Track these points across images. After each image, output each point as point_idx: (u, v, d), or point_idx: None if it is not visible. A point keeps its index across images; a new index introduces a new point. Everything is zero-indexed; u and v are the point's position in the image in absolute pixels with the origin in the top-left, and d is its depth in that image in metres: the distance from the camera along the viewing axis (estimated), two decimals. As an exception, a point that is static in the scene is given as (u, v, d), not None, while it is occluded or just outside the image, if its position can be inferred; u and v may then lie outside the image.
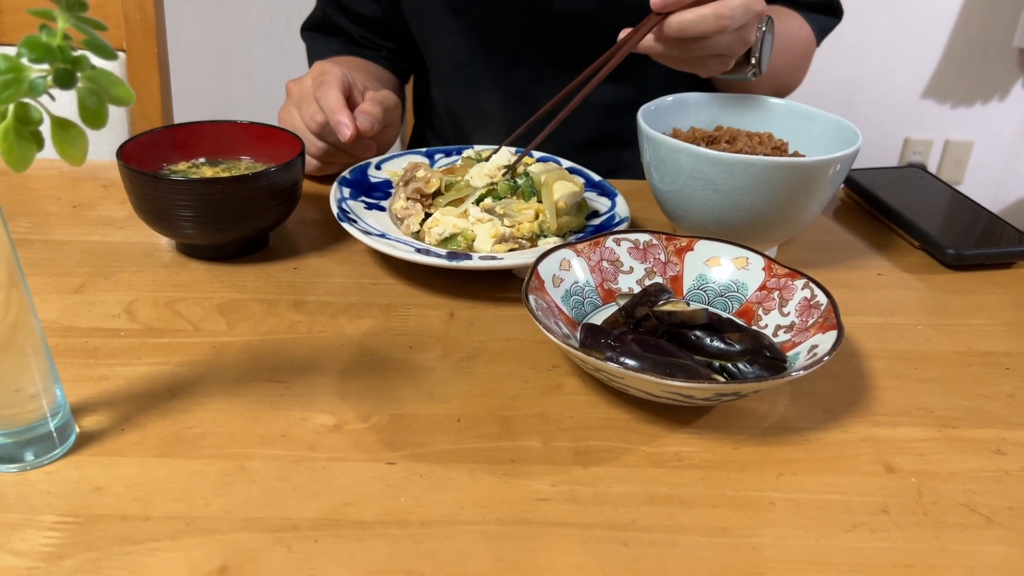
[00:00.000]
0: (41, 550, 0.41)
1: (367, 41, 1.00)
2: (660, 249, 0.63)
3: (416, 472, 0.48)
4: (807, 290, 0.57)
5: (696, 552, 0.44)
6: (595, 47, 0.76)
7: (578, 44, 0.89)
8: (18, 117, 0.38)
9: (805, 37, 0.94)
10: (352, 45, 1.00)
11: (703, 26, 0.65)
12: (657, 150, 0.67)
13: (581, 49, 0.78)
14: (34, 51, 0.35)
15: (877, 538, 0.45)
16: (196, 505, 0.44)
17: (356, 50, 1.00)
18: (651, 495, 0.47)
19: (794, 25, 0.92)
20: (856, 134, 0.68)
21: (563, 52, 0.91)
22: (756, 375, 0.52)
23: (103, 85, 0.38)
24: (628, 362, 0.50)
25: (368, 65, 0.99)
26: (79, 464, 0.47)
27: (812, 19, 0.95)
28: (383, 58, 1.01)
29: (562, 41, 0.91)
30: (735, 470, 0.49)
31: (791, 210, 0.66)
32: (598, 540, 0.44)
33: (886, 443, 0.52)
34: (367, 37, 1.00)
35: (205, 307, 0.62)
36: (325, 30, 1.01)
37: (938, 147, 2.37)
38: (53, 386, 0.47)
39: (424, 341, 0.60)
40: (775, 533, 0.45)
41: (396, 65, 1.03)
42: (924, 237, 0.74)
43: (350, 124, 0.72)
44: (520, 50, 0.93)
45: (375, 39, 1.00)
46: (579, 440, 0.51)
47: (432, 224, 0.67)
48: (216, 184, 0.63)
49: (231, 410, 0.52)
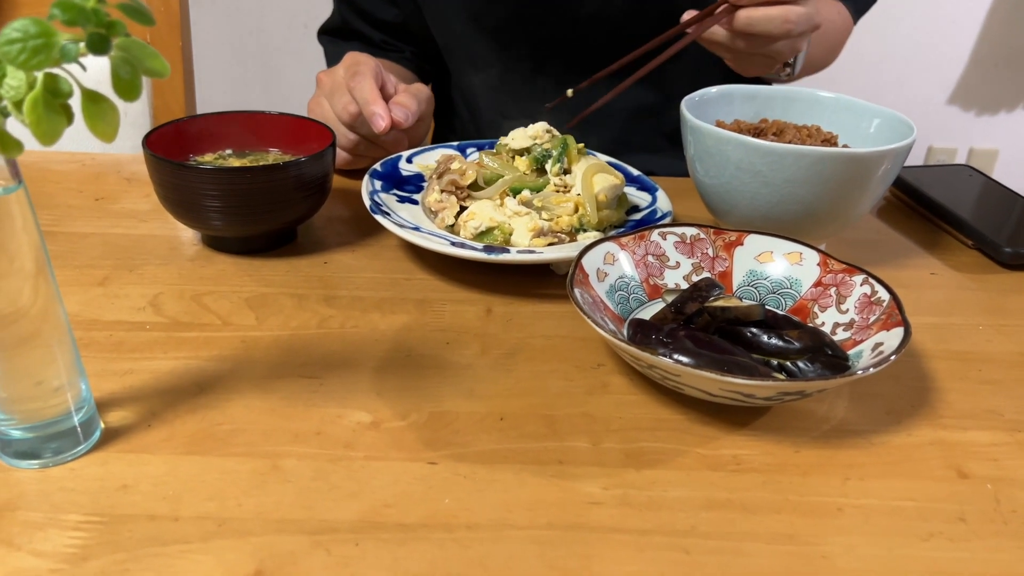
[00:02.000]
0: (65, 551, 0.39)
1: (388, 45, 0.98)
2: (708, 243, 0.60)
3: (459, 473, 0.45)
4: (867, 286, 0.54)
5: (761, 560, 0.41)
6: (619, 54, 0.75)
7: (602, 51, 0.88)
8: (47, 88, 0.35)
9: (841, 24, 0.92)
10: (372, 48, 0.98)
11: (769, 26, 0.68)
12: (703, 141, 0.64)
13: (605, 56, 0.77)
14: (67, 12, 0.33)
15: (956, 548, 0.42)
16: (228, 505, 0.42)
17: (377, 53, 0.98)
18: (710, 500, 0.44)
19: (832, 11, 0.90)
20: (910, 128, 0.65)
21: (586, 59, 0.90)
22: (819, 374, 0.49)
23: (136, 55, 0.36)
24: (684, 359, 0.47)
25: (392, 65, 0.97)
26: (104, 461, 0.44)
27: (849, 1, 0.93)
28: (406, 59, 0.99)
29: (585, 48, 0.90)
30: (797, 474, 0.46)
31: (843, 205, 0.63)
32: (656, 547, 0.41)
33: (956, 447, 0.49)
34: (388, 41, 0.98)
35: (233, 301, 0.59)
36: (344, 35, 0.99)
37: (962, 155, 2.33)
38: (78, 379, 0.44)
39: (461, 337, 0.57)
40: (845, 541, 0.42)
41: (419, 67, 1.01)
42: (978, 236, 0.71)
43: (385, 115, 0.69)
44: (542, 57, 0.92)
45: (396, 43, 0.98)
46: (630, 441, 0.48)
47: (468, 217, 0.64)
48: (245, 174, 0.61)
49: (262, 406, 0.49)
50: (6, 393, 0.42)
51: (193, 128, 0.69)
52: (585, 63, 0.90)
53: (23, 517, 0.40)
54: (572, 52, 0.90)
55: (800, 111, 0.73)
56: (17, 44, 0.33)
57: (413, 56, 1.00)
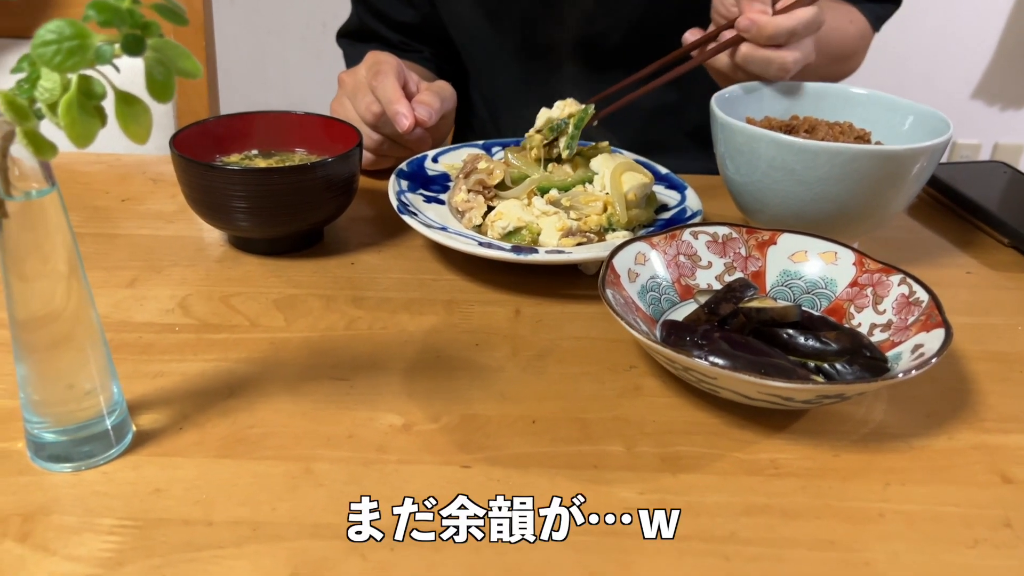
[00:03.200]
0: (100, 555, 0.38)
1: (406, 46, 0.98)
2: (740, 243, 0.59)
3: (493, 477, 0.44)
4: (904, 286, 0.53)
5: (804, 567, 0.40)
6: (636, 53, 0.74)
7: (618, 51, 0.87)
8: (81, 90, 0.35)
9: (855, 32, 0.90)
10: (391, 50, 0.98)
11: (767, 70, 0.70)
12: (733, 139, 0.63)
13: (621, 55, 0.76)
14: (102, 13, 0.32)
15: (1003, 555, 0.41)
16: (261, 510, 0.41)
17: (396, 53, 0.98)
18: (749, 505, 0.43)
19: (842, 20, 0.88)
20: (946, 124, 0.64)
21: (603, 59, 0.89)
22: (858, 376, 0.48)
23: (170, 56, 0.36)
24: (721, 361, 0.46)
25: (412, 66, 0.96)
26: (136, 464, 0.44)
27: (867, 9, 0.91)
28: (425, 59, 0.99)
29: (602, 47, 0.89)
30: (837, 479, 0.45)
31: (877, 203, 0.62)
32: (695, 553, 0.40)
33: (999, 451, 0.48)
34: (406, 43, 0.98)
35: (261, 302, 0.59)
36: (362, 37, 0.99)
37: (987, 151, 2.30)
38: (110, 382, 0.44)
39: (490, 339, 0.56)
40: (888, 548, 0.41)
41: (438, 67, 1.00)
42: (1015, 234, 0.70)
43: (408, 114, 0.69)
44: (559, 57, 0.91)
45: (414, 44, 0.98)
46: (665, 445, 0.47)
47: (495, 217, 0.64)
48: (272, 174, 0.61)
49: (294, 409, 0.49)
50: (39, 396, 0.42)
51: (219, 129, 0.69)
52: (601, 62, 0.89)
53: (58, 521, 0.40)
54: (587, 52, 0.90)
55: (831, 107, 0.72)
56: (52, 46, 0.33)
57: (432, 56, 1.00)
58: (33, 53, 0.33)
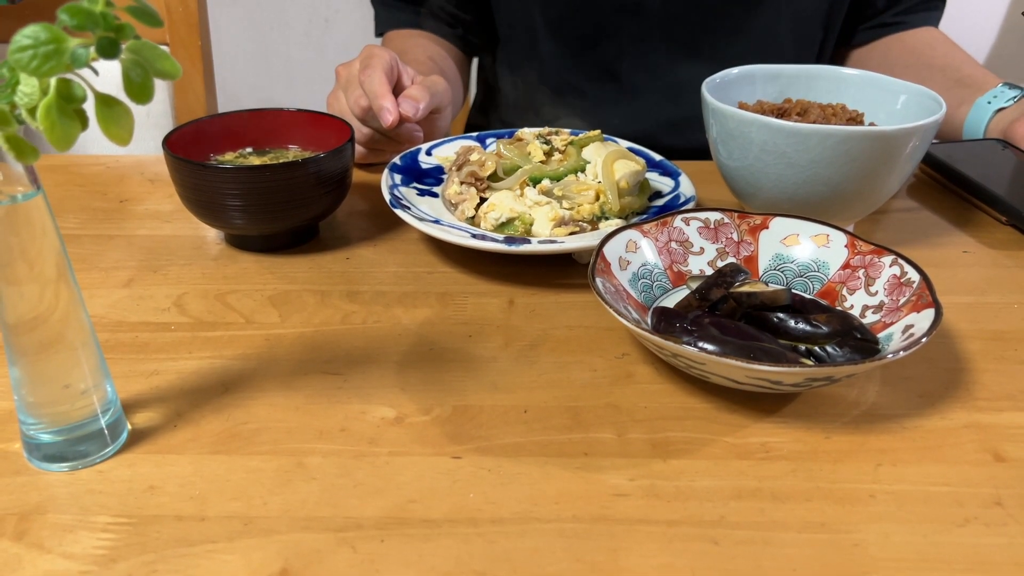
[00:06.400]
0: (94, 552, 0.39)
1: (442, 12, 0.96)
2: (732, 228, 0.59)
3: (484, 467, 0.45)
4: (896, 267, 0.53)
5: (793, 550, 0.40)
6: (692, 20, 0.70)
7: (672, 17, 0.84)
8: (60, 94, 0.35)
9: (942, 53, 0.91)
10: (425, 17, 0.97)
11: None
12: (725, 123, 0.63)
13: (676, 22, 0.73)
14: (75, 17, 0.33)
15: (993, 533, 0.41)
16: (254, 504, 0.42)
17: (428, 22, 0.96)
18: (739, 489, 0.43)
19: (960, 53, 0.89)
20: (939, 103, 0.63)
21: (656, 25, 0.86)
22: (848, 358, 0.48)
23: (147, 57, 0.36)
24: (709, 347, 0.46)
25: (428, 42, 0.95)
26: (131, 463, 0.45)
27: (928, 18, 0.93)
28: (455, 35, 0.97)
29: (656, 12, 0.86)
30: (828, 461, 0.45)
31: (871, 184, 0.61)
32: (685, 538, 0.40)
33: (992, 430, 0.48)
34: (443, 7, 0.96)
35: (256, 299, 0.60)
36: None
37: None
38: (104, 382, 0.45)
39: (484, 330, 0.57)
40: (878, 529, 0.41)
41: (465, 40, 0.99)
42: (1013, 212, 0.69)
43: (392, 109, 0.69)
44: (608, 21, 0.88)
45: (452, 9, 0.96)
46: (656, 431, 0.47)
47: (488, 209, 0.64)
48: (265, 172, 0.61)
49: (287, 404, 0.49)
50: (34, 397, 0.43)
51: (213, 128, 0.69)
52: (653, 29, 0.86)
53: (53, 520, 0.41)
54: (640, 16, 0.87)
55: (824, 89, 0.71)
56: (28, 51, 0.33)
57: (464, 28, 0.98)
58: (10, 59, 0.33)
